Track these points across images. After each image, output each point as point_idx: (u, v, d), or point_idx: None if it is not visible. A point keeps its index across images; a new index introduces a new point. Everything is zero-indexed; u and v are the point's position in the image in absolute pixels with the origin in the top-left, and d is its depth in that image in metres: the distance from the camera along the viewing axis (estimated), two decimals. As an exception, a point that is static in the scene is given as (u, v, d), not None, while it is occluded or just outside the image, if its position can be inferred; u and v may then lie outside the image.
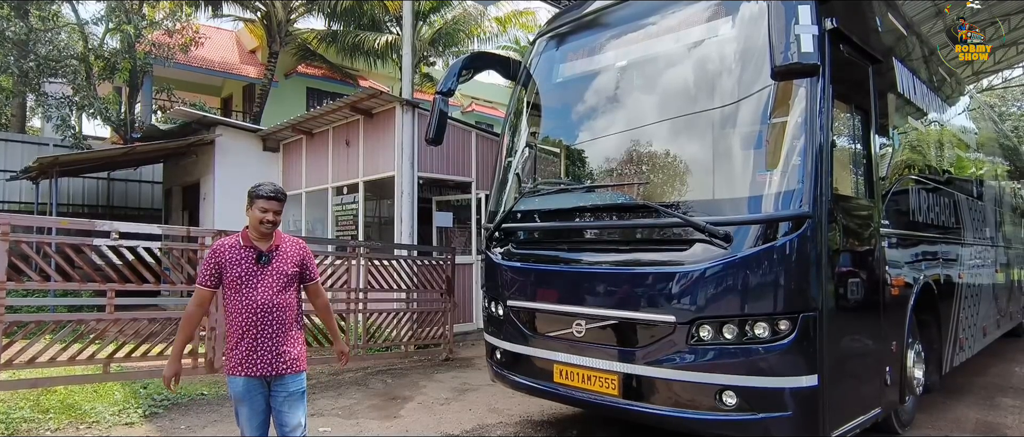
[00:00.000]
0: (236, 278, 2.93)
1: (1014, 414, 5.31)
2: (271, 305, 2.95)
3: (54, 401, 5.22)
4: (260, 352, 2.93)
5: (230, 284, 2.94)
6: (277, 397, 3.00)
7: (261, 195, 2.98)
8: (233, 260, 2.95)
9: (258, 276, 2.95)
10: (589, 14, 4.62)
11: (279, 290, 2.99)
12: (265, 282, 2.96)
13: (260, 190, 2.99)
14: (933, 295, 4.85)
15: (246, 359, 2.92)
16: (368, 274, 7.26)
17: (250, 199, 3.00)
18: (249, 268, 2.95)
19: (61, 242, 5.55)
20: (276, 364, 2.95)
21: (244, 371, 2.92)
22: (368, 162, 9.61)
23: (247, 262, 2.96)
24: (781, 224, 3.24)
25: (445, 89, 4.83)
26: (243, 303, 2.92)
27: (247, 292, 2.92)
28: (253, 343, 2.93)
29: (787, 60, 2.85)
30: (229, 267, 2.94)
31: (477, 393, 5.99)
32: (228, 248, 2.97)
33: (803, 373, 3.17)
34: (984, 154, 7.57)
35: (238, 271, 2.93)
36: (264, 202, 2.97)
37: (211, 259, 2.96)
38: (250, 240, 2.99)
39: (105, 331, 5.48)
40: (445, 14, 17.92)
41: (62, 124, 13.31)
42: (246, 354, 2.92)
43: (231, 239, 3.02)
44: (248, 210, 3.00)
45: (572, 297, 3.94)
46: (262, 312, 2.93)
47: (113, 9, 13.94)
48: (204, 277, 2.97)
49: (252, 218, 2.99)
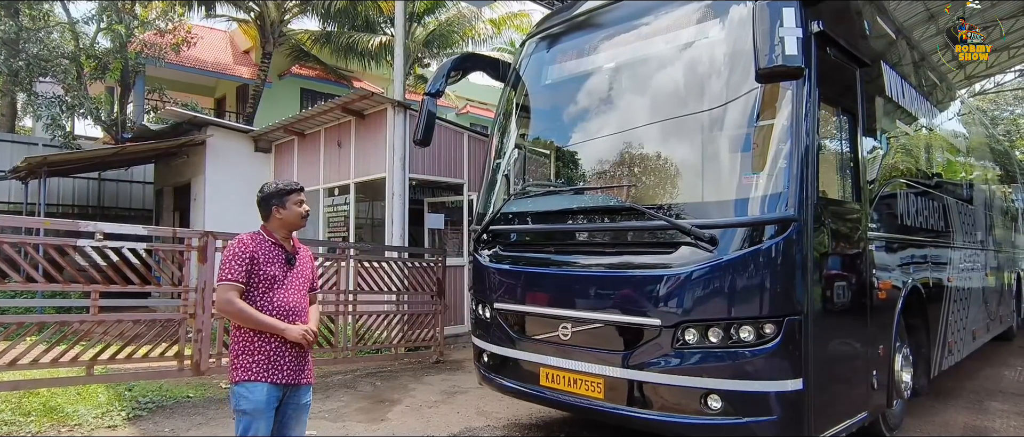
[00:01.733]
0: (268, 277, 2.79)
1: (1002, 418, 5.31)
2: (298, 309, 2.87)
3: (36, 403, 5.16)
4: (287, 358, 2.80)
5: (259, 282, 2.78)
6: (288, 407, 2.86)
7: (294, 189, 2.92)
8: (267, 257, 2.82)
9: (286, 277, 2.86)
10: (578, 16, 4.62)
11: (303, 294, 2.93)
12: (292, 284, 2.88)
13: (290, 185, 2.92)
14: (922, 298, 4.84)
15: (271, 364, 2.76)
16: (358, 276, 7.22)
17: (280, 196, 2.88)
18: (280, 268, 2.84)
19: (45, 243, 5.49)
20: (301, 372, 2.86)
21: (269, 377, 2.74)
22: (360, 163, 9.57)
23: (279, 262, 2.85)
24: (767, 227, 3.22)
25: (434, 90, 4.81)
26: (272, 305, 2.78)
27: (276, 293, 2.80)
28: (280, 347, 2.78)
29: (772, 63, 2.84)
30: (263, 264, 2.79)
31: (466, 396, 5.96)
32: (259, 243, 2.83)
33: (788, 377, 3.15)
34: (975, 158, 7.59)
35: (271, 270, 2.81)
36: (299, 195, 2.93)
37: (243, 253, 2.76)
38: (277, 239, 2.89)
39: (89, 332, 5.42)
40: (439, 16, 17.91)
41: (52, 123, 13.22)
42: (271, 358, 2.76)
43: (254, 236, 2.87)
44: (277, 210, 2.87)
45: (558, 300, 3.91)
46: (291, 315, 2.82)
47: (105, 8, 13.86)
48: (238, 272, 2.73)
49: (292, 214, 2.89)
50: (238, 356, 2.78)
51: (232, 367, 2.80)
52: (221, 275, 2.76)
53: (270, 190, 2.92)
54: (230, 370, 2.84)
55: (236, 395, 2.77)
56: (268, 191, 2.92)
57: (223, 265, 2.78)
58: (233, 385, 2.80)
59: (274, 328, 2.76)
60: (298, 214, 2.91)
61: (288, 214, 2.89)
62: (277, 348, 2.78)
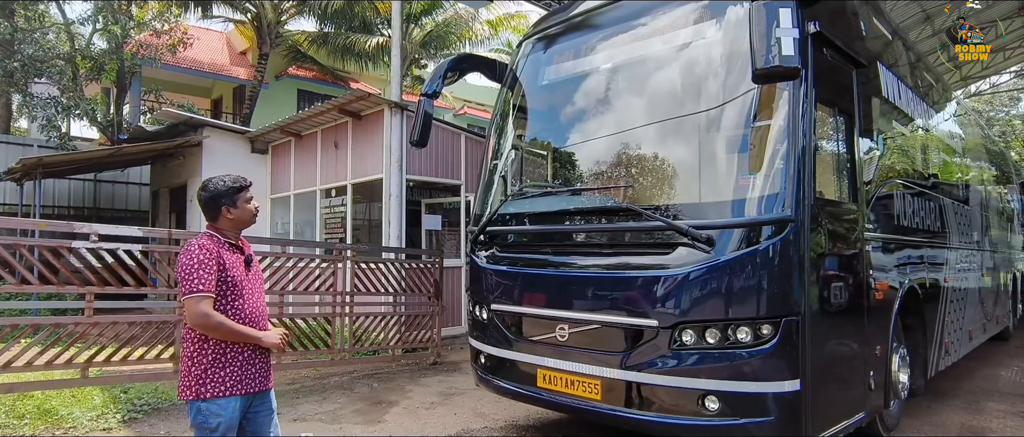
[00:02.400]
0: (234, 283, 2.61)
1: (999, 418, 5.31)
2: (264, 314, 2.75)
3: (30, 406, 5.13)
4: (257, 365, 2.67)
5: (228, 290, 2.59)
6: (260, 414, 2.74)
7: (245, 186, 2.73)
8: (230, 261, 2.62)
9: (247, 281, 2.69)
10: (575, 17, 4.61)
11: (263, 297, 2.80)
12: (253, 287, 2.73)
13: (240, 181, 2.72)
14: (918, 299, 4.85)
15: (244, 375, 2.62)
16: (355, 277, 7.20)
17: (231, 195, 2.68)
18: (242, 272, 2.67)
19: (40, 244, 5.46)
20: (267, 377, 2.73)
21: (242, 389, 2.60)
22: (356, 164, 9.55)
23: (239, 265, 2.67)
24: (764, 228, 3.22)
25: (430, 91, 4.80)
26: (242, 313, 2.62)
27: (243, 299, 2.64)
28: (252, 356, 2.66)
29: (768, 63, 2.83)
30: (228, 269, 2.59)
31: (463, 397, 5.94)
32: (219, 247, 2.62)
33: (786, 377, 3.15)
34: (971, 159, 7.60)
35: (235, 274, 2.62)
36: (249, 192, 2.74)
37: (209, 259, 2.54)
38: (231, 240, 2.71)
39: (84, 335, 5.39)
40: (436, 17, 17.90)
41: (48, 125, 13.17)
42: (243, 369, 2.62)
43: (211, 238, 2.64)
44: (228, 210, 2.67)
45: (555, 301, 3.90)
46: (260, 321, 2.70)
47: (101, 9, 13.82)
48: (209, 281, 2.51)
49: (244, 213, 2.71)
50: (207, 370, 2.56)
51: (197, 382, 2.55)
52: (190, 286, 2.49)
53: (219, 188, 2.68)
54: (191, 386, 2.57)
55: (204, 413, 2.55)
56: (216, 189, 2.68)
57: (188, 274, 2.50)
58: (199, 402, 2.55)
59: (251, 338, 2.62)
60: (250, 212, 2.73)
61: (239, 213, 2.70)
62: (249, 357, 2.64)
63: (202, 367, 2.57)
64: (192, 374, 2.57)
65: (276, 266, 6.63)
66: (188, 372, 2.59)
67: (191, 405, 2.59)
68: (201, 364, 2.58)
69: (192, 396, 2.57)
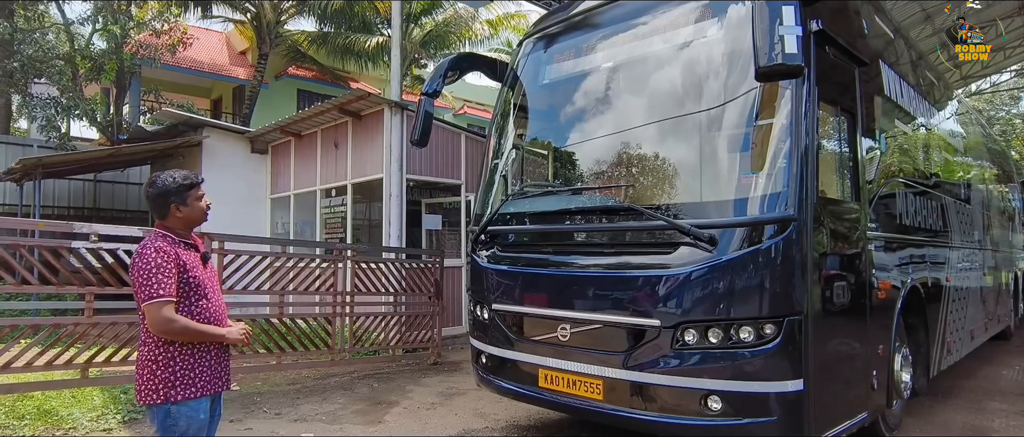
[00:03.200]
0: (195, 283, 2.54)
1: (1001, 417, 5.30)
2: (223, 311, 2.67)
3: (30, 407, 5.11)
4: (223, 365, 2.64)
5: (189, 291, 2.52)
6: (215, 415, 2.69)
7: (196, 183, 2.63)
8: (189, 261, 2.54)
9: (206, 279, 2.62)
10: (576, 16, 4.59)
11: (220, 294, 2.72)
12: (212, 285, 2.67)
13: (190, 178, 2.63)
14: (920, 298, 4.83)
15: (212, 374, 2.59)
16: (355, 277, 7.19)
17: (181, 192, 2.57)
18: (201, 270, 2.60)
19: (40, 244, 5.45)
20: (229, 377, 2.70)
21: (211, 389, 2.58)
22: (356, 164, 9.54)
23: (197, 263, 2.60)
24: (766, 227, 3.20)
25: (430, 90, 4.79)
26: (206, 313, 2.57)
27: (206, 298, 2.58)
28: (219, 355, 2.63)
29: (771, 61, 2.82)
30: (189, 269, 2.53)
31: (464, 398, 5.93)
32: (176, 247, 2.53)
33: (789, 377, 3.14)
34: (972, 158, 7.59)
35: (196, 274, 2.55)
36: (200, 189, 2.65)
37: (168, 262, 2.45)
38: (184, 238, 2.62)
39: (84, 335, 5.38)
40: (436, 16, 17.88)
41: (47, 125, 13.16)
42: (212, 368, 2.59)
43: (165, 237, 2.54)
44: (177, 208, 2.57)
45: (557, 301, 3.89)
46: (222, 319, 2.64)
47: (100, 9, 13.80)
48: (169, 285, 2.43)
49: (195, 210, 2.61)
50: (177, 372, 2.48)
51: (165, 385, 2.46)
52: (149, 292, 2.38)
53: (167, 185, 2.56)
54: (158, 389, 2.47)
55: (174, 416, 2.48)
56: (165, 186, 2.56)
57: (146, 278, 2.40)
58: (169, 405, 2.47)
59: (217, 336, 2.57)
60: (201, 210, 2.64)
61: (189, 211, 2.60)
62: (217, 356, 2.61)
63: (171, 369, 2.48)
64: (158, 377, 2.48)
65: (276, 266, 6.61)
66: (152, 375, 2.48)
67: (158, 409, 2.49)
68: (169, 367, 2.49)
69: (160, 400, 2.47)
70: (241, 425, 5.02)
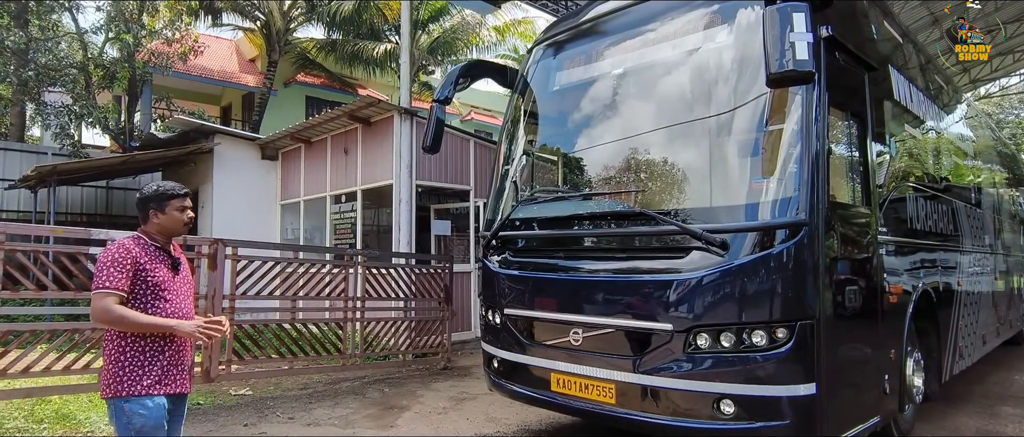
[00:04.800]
0: (154, 284, 2.62)
1: (1014, 423, 5.28)
2: (186, 315, 2.73)
3: (48, 411, 5.19)
4: (181, 367, 2.69)
5: (145, 291, 2.60)
6: (175, 417, 2.73)
7: (177, 194, 2.75)
8: (151, 263, 2.64)
9: (173, 284, 2.71)
10: (585, 22, 4.64)
11: (190, 302, 2.80)
12: (179, 291, 2.74)
13: (172, 189, 2.76)
14: (932, 303, 4.83)
15: (166, 374, 2.61)
16: (366, 282, 7.24)
17: (160, 200, 2.71)
18: (166, 273, 2.69)
19: (57, 251, 5.53)
20: (187, 379, 2.75)
21: (166, 389, 2.60)
22: (366, 170, 9.61)
23: (164, 267, 2.69)
24: (778, 231, 3.23)
25: (442, 97, 4.85)
26: (159, 314, 2.61)
27: (167, 301, 2.65)
28: (176, 357, 2.67)
29: (782, 67, 2.85)
30: (148, 270, 2.62)
31: (475, 402, 5.96)
32: (142, 247, 2.65)
33: (801, 381, 3.15)
34: (982, 161, 7.57)
35: (157, 275, 2.64)
36: (182, 201, 2.76)
37: (124, 259, 2.55)
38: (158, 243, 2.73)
39: (100, 340, 5.44)
40: (443, 23, 17.99)
41: (61, 133, 13.32)
42: (166, 368, 2.61)
43: (136, 239, 2.68)
44: (156, 214, 2.71)
45: (569, 305, 3.92)
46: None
47: (113, 18, 13.98)
48: (117, 279, 2.51)
49: (171, 221, 2.73)
50: (126, 366, 2.53)
51: (114, 379, 2.53)
52: (97, 282, 2.51)
53: (149, 192, 2.73)
54: (110, 384, 2.54)
55: (127, 412, 2.51)
56: (148, 192, 2.73)
57: (99, 271, 2.54)
58: (118, 400, 2.51)
59: (164, 327, 2.58)
60: (179, 221, 2.75)
61: (166, 220, 2.72)
62: (173, 355, 2.65)
63: (120, 364, 2.54)
64: (109, 371, 2.55)
65: (288, 272, 6.67)
66: (106, 369, 2.57)
67: (109, 403, 2.57)
68: (118, 361, 2.55)
69: (110, 394, 2.54)
70: (255, 429, 5.07)
